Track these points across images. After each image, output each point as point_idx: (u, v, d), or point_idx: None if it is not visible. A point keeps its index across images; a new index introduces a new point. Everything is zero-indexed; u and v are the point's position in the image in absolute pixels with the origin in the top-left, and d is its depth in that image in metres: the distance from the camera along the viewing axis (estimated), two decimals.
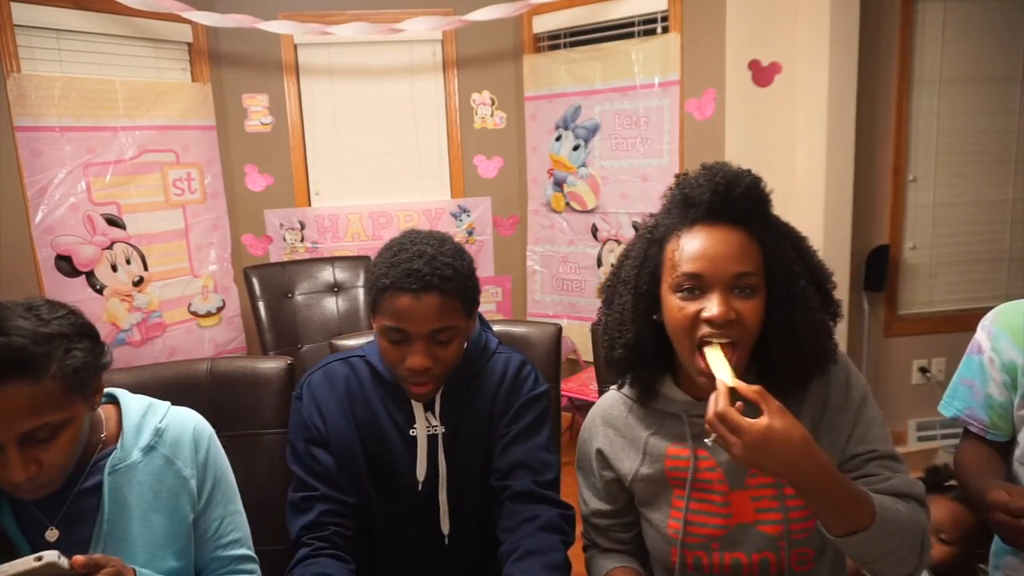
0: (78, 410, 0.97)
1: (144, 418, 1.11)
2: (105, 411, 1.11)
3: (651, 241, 1.05)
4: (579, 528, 1.23)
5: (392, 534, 1.28)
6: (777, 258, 1.00)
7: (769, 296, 1.00)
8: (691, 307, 0.98)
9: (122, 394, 1.14)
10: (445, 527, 1.26)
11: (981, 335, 1.26)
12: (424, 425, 1.24)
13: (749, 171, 1.03)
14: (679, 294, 1.00)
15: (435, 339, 1.14)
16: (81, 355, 0.95)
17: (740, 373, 0.99)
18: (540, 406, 1.27)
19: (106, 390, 1.13)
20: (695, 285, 0.98)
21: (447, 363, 1.17)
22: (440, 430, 1.24)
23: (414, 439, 1.24)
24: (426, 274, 1.10)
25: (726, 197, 0.99)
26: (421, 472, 1.24)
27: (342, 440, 1.24)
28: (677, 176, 1.07)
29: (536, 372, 1.31)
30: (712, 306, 0.96)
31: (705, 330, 0.97)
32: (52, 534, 1.02)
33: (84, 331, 0.98)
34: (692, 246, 0.99)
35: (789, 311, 1.00)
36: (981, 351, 1.25)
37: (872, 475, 1.01)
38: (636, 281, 1.05)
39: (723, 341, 0.97)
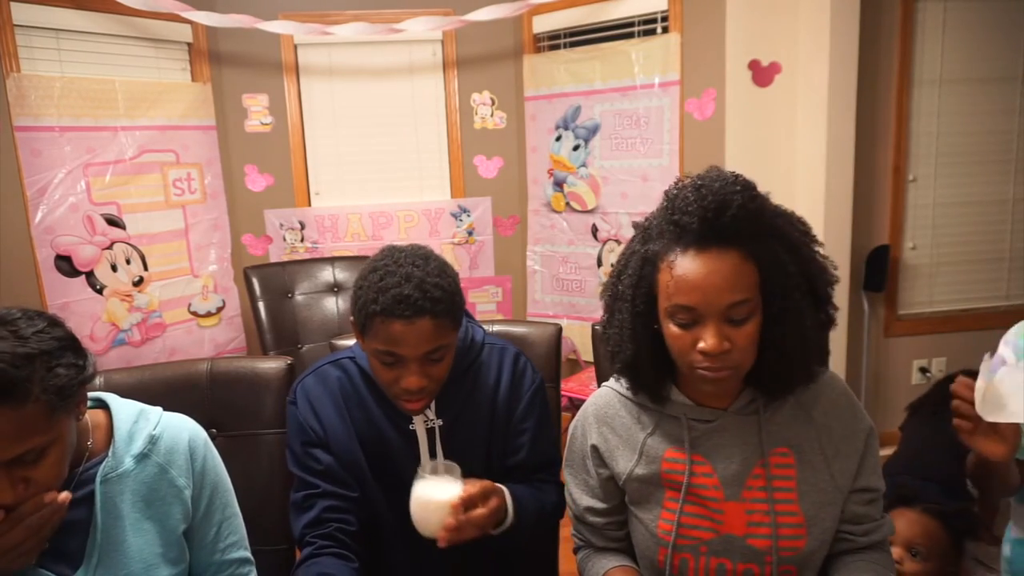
0: (64, 427, 0.92)
1: (136, 425, 1.07)
2: (94, 417, 1.06)
3: (645, 260, 1.02)
4: (569, 529, 1.24)
5: (394, 529, 1.27)
6: (773, 274, 0.97)
7: (764, 310, 0.98)
8: (687, 336, 0.98)
9: (112, 399, 1.09)
10: None
11: (1005, 350, 1.23)
12: (422, 419, 1.25)
13: (741, 185, 0.95)
14: (674, 321, 0.98)
15: (428, 359, 1.15)
16: (64, 372, 0.89)
17: (736, 393, 1.07)
18: (541, 396, 1.34)
19: (96, 394, 1.09)
20: (689, 318, 0.97)
21: (440, 379, 1.19)
22: (438, 423, 1.25)
23: (412, 433, 1.24)
24: (417, 299, 1.09)
25: (716, 222, 0.94)
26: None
27: (340, 440, 1.24)
28: (667, 193, 1.01)
29: (529, 361, 1.35)
30: (706, 338, 0.95)
31: (699, 359, 0.97)
32: None
33: (65, 344, 0.92)
34: (684, 276, 0.96)
35: (782, 326, 0.98)
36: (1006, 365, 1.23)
37: (872, 519, 1.09)
38: (633, 300, 1.03)
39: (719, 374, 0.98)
